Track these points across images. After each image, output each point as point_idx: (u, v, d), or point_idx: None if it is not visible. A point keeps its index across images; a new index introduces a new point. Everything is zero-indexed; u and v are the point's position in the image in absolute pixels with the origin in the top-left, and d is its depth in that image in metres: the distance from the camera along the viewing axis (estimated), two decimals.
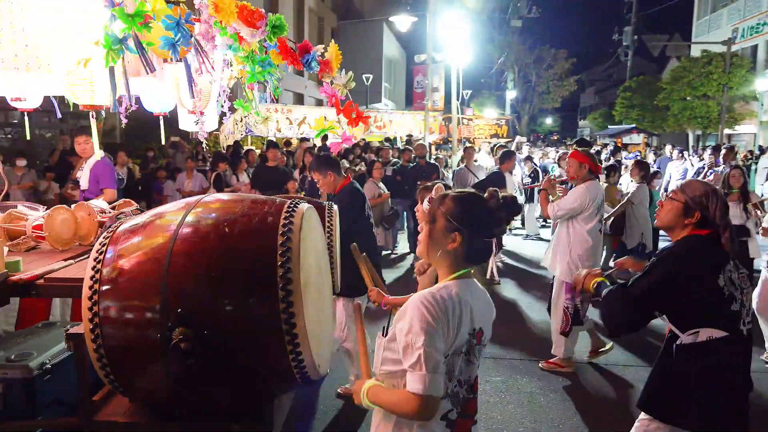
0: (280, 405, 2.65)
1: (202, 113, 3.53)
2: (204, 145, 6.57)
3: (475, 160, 10.37)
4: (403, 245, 10.27)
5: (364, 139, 17.07)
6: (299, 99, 29.26)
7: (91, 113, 3.73)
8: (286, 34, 3.41)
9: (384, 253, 9.43)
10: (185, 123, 3.95)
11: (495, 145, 11.96)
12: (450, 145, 19.47)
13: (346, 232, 3.67)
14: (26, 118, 4.75)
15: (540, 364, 5.14)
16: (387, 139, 16.26)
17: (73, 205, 3.44)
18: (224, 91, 3.81)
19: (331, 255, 3.15)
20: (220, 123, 3.49)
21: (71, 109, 3.71)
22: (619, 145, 23.57)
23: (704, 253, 2.43)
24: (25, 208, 3.51)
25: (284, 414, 2.80)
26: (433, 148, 17.42)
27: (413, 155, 10.39)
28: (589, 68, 58.02)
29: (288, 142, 14.90)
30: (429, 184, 3.43)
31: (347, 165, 11.01)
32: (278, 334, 2.15)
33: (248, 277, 2.20)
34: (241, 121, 15.98)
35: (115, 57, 2.50)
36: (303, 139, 14.75)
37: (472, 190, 1.94)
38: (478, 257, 1.90)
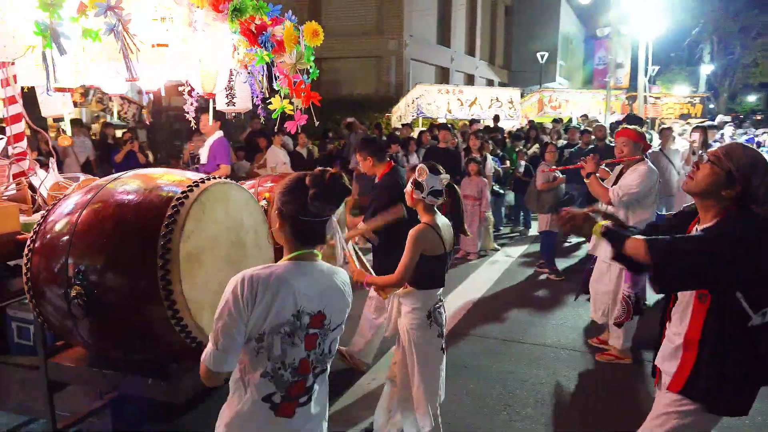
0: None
1: (212, 95, 3.84)
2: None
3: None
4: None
5: (532, 121, 16.36)
6: (470, 79, 28.91)
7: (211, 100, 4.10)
8: (247, 17, 3.43)
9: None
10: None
11: (697, 126, 10.60)
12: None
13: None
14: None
15: (596, 357, 4.77)
16: (556, 120, 15.36)
17: None
18: (261, 73, 3.84)
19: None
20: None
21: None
22: None
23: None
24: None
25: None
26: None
27: (592, 137, 9.67)
28: None
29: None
30: (415, 165, 3.20)
31: (519, 147, 10.59)
32: (158, 299, 2.38)
33: (134, 245, 2.45)
34: (413, 102, 16.17)
35: (48, 43, 2.57)
36: (473, 121, 14.48)
37: (303, 174, 1.87)
38: (309, 239, 1.87)
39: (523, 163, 9.91)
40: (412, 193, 2.98)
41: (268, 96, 3.84)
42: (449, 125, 11.22)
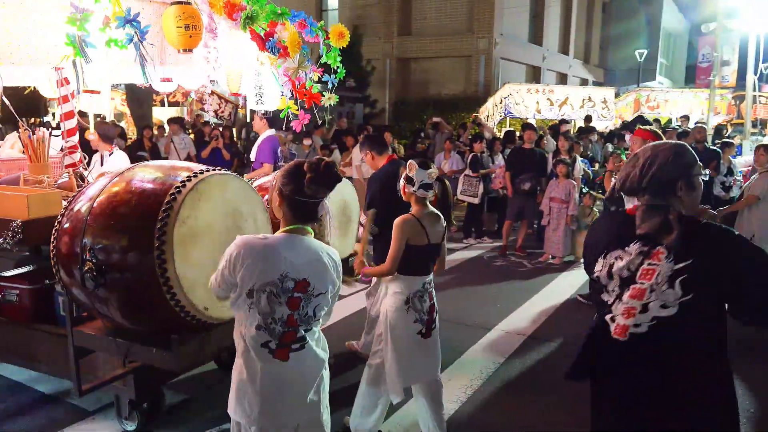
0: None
1: (238, 94, 4.22)
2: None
3: None
4: None
5: (625, 121, 15.63)
6: (562, 79, 28.04)
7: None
8: (261, 23, 3.74)
9: None
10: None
11: None
12: (742, 128, 16.71)
13: (379, 208, 4.18)
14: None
15: None
16: (649, 120, 14.58)
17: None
18: (286, 73, 4.13)
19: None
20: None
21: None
22: None
23: None
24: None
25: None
26: (726, 129, 14.91)
27: (692, 140, 9.14)
28: None
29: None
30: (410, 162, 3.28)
31: (610, 149, 10.19)
32: (155, 277, 2.71)
33: (136, 228, 2.78)
34: (500, 102, 15.93)
35: (78, 53, 2.97)
36: (563, 121, 14.06)
37: (302, 161, 2.21)
38: (302, 216, 2.20)
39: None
40: (405, 187, 3.20)
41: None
42: (537, 126, 10.98)
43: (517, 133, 11.35)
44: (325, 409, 2.32)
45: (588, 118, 14.54)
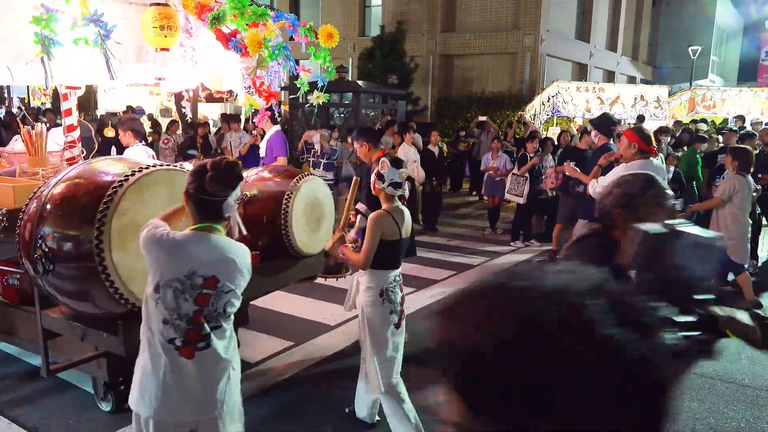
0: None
1: (221, 92, 4.39)
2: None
3: None
4: None
5: (679, 121, 14.97)
6: (610, 76, 27.25)
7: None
8: (225, 24, 3.89)
9: None
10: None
11: None
12: None
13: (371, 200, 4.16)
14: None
15: None
16: (696, 121, 13.89)
17: None
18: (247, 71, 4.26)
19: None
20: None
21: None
22: None
23: None
24: None
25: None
26: None
27: (756, 142, 8.64)
28: None
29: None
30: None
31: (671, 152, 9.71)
32: (94, 265, 2.82)
33: (79, 218, 2.90)
34: (548, 100, 15.50)
35: (45, 51, 3.14)
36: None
37: (207, 161, 2.30)
38: (207, 214, 2.28)
39: (672, 168, 9.09)
40: (375, 182, 3.34)
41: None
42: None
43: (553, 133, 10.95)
44: (229, 412, 2.34)
45: (641, 118, 13.98)
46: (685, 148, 10.01)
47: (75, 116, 4.42)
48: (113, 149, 7.00)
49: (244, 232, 3.18)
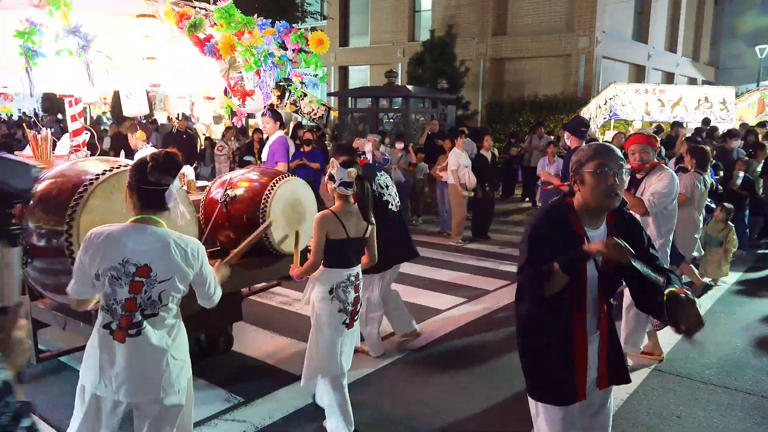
0: None
1: (211, 98, 4.73)
2: None
3: None
4: None
5: (745, 124, 14.14)
6: (669, 78, 26.20)
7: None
8: (201, 31, 4.07)
9: None
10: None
11: None
12: None
13: None
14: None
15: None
16: (763, 123, 13.04)
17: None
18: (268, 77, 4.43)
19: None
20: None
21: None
22: None
23: None
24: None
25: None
26: None
27: None
28: None
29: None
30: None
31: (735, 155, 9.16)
32: (65, 259, 2.98)
33: (53, 214, 3.07)
34: (605, 103, 14.96)
35: (27, 62, 3.37)
36: (676, 124, 12.94)
37: (149, 154, 2.42)
38: (149, 204, 2.39)
39: (741, 174, 8.56)
40: (327, 183, 3.45)
41: (277, 98, 4.73)
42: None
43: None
44: (168, 399, 2.44)
45: (706, 121, 13.30)
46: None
47: (80, 122, 4.71)
48: (122, 152, 7.30)
49: (189, 218, 3.33)
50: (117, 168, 3.20)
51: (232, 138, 12.66)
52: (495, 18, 21.67)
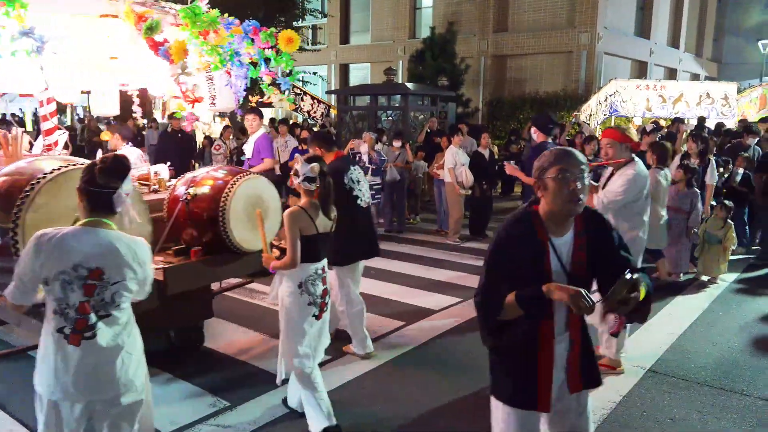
0: None
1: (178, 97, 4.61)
2: None
3: None
4: None
5: (744, 120, 14.02)
6: (671, 74, 26.05)
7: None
8: (158, 33, 4.02)
9: None
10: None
11: None
12: None
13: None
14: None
15: None
16: (765, 119, 12.90)
17: None
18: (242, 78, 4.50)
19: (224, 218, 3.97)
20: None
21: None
22: None
23: None
24: None
25: None
26: None
27: None
28: None
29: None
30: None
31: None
32: (11, 257, 2.97)
33: (4, 212, 3.06)
34: (605, 100, 14.87)
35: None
36: (677, 120, 12.82)
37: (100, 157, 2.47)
38: (98, 207, 2.40)
39: (740, 170, 8.46)
40: (292, 178, 3.49)
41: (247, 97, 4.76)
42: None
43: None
44: (126, 394, 2.45)
45: (701, 120, 13.17)
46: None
47: (52, 121, 4.79)
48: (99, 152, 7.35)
49: (138, 220, 3.34)
50: (66, 167, 3.17)
51: (230, 137, 12.60)
52: (496, 15, 21.56)
